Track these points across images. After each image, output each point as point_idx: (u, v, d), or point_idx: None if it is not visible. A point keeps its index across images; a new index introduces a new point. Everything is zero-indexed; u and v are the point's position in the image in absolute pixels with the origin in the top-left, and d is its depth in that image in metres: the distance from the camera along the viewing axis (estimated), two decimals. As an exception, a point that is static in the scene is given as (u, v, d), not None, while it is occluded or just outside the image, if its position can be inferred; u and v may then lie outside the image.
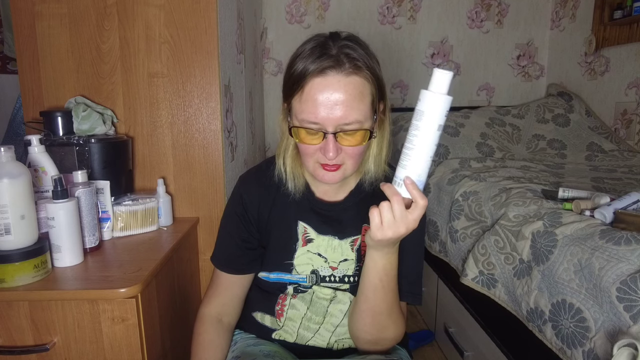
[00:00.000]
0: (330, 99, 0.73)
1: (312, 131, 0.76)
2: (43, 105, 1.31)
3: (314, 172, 0.82)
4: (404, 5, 2.75)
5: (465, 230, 1.57)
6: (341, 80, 0.73)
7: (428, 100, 0.67)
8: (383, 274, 0.79)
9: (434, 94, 0.67)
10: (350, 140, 0.77)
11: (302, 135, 0.78)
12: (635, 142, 2.26)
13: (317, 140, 0.77)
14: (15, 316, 0.87)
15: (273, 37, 2.72)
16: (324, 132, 0.75)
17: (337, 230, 0.90)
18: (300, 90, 0.76)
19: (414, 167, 0.69)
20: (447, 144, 2.26)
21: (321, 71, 0.73)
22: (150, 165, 1.35)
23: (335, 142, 0.76)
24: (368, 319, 0.84)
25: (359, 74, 0.75)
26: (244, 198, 0.91)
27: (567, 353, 0.99)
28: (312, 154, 0.79)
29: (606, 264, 0.93)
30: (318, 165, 0.80)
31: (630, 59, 2.25)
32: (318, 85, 0.74)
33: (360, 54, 0.76)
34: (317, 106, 0.74)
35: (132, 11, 1.27)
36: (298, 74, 0.76)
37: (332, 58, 0.74)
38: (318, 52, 0.75)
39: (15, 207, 0.85)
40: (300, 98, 0.76)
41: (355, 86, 0.74)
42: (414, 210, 0.70)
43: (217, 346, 0.91)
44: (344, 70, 0.74)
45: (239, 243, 0.92)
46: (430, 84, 0.67)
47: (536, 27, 2.86)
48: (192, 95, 1.32)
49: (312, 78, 0.74)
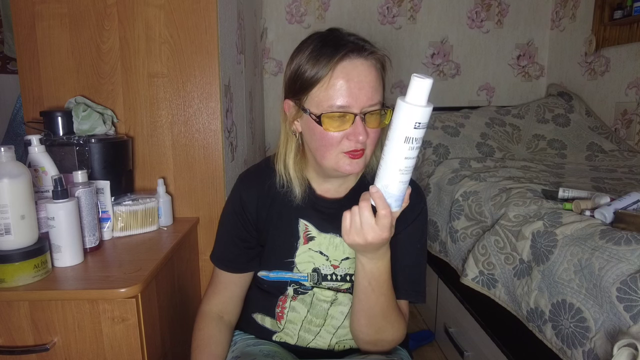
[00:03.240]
0: (358, 81, 0.75)
1: (340, 116, 0.76)
2: (43, 105, 1.31)
3: (336, 165, 0.80)
4: (404, 5, 2.75)
5: (466, 230, 1.57)
6: (364, 62, 0.76)
7: (397, 109, 0.64)
8: (371, 278, 0.79)
9: (403, 103, 0.62)
10: (374, 122, 0.78)
11: (328, 123, 0.77)
12: (635, 142, 2.26)
13: (345, 126, 0.77)
14: (15, 316, 0.87)
15: (273, 37, 2.72)
16: (354, 114, 0.76)
17: (338, 228, 0.89)
18: (325, 78, 0.76)
19: (381, 177, 0.69)
20: (447, 144, 2.26)
21: (345, 55, 0.75)
22: (150, 165, 1.35)
23: (363, 124, 0.77)
24: (363, 320, 0.84)
25: (376, 58, 0.79)
26: (242, 197, 0.91)
27: (567, 353, 0.99)
28: (337, 144, 0.78)
29: (606, 264, 0.93)
30: (342, 156, 0.79)
31: (630, 59, 2.25)
32: (344, 69, 0.75)
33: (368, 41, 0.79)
34: (346, 89, 0.75)
35: (132, 11, 1.27)
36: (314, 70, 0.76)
37: (351, 44, 0.77)
38: (333, 42, 0.77)
39: (16, 207, 0.85)
40: (327, 84, 0.76)
41: (376, 69, 0.78)
42: (378, 220, 0.70)
43: (218, 341, 0.91)
44: (364, 54, 0.77)
45: (237, 242, 0.92)
46: (407, 91, 0.62)
47: (536, 27, 2.86)
48: (192, 95, 1.32)
49: (337, 63, 0.75)
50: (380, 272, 0.79)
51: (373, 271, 0.78)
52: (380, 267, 0.78)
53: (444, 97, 2.86)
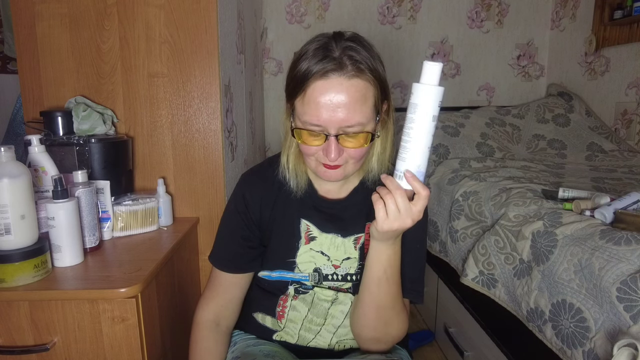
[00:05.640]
0: (333, 101, 0.73)
1: (314, 133, 0.77)
2: (43, 105, 1.31)
3: (316, 170, 0.83)
4: (404, 5, 2.75)
5: (466, 230, 1.57)
6: (343, 83, 0.73)
7: (420, 92, 0.69)
8: (387, 265, 0.79)
9: (425, 85, 0.69)
10: (353, 142, 0.77)
11: (304, 136, 0.78)
12: (635, 142, 2.26)
13: (319, 142, 0.77)
14: (15, 316, 0.87)
15: (273, 37, 2.72)
16: (326, 135, 0.76)
17: (340, 228, 0.90)
18: (302, 92, 0.76)
19: (413, 159, 0.71)
20: (447, 144, 2.26)
21: (324, 74, 0.73)
22: (150, 165, 1.35)
23: (337, 144, 0.76)
24: (372, 313, 0.84)
25: (362, 77, 0.75)
26: (245, 197, 0.91)
27: (567, 353, 0.99)
28: (314, 153, 0.80)
29: (606, 264, 0.93)
30: (320, 164, 0.81)
31: (631, 59, 2.25)
32: (320, 88, 0.74)
33: (364, 56, 0.75)
34: (319, 109, 0.74)
35: (132, 11, 1.27)
36: (301, 75, 0.75)
37: (334, 61, 0.74)
38: (321, 54, 0.75)
39: (16, 207, 0.85)
40: (303, 100, 0.76)
41: (357, 89, 0.74)
42: (417, 202, 0.71)
43: (215, 354, 0.91)
44: (346, 73, 0.73)
45: (239, 242, 0.92)
46: (421, 76, 0.69)
47: (536, 27, 2.86)
48: (192, 95, 1.32)
49: (314, 81, 0.74)
50: (396, 257, 0.80)
51: (390, 257, 0.79)
52: (397, 252, 0.80)
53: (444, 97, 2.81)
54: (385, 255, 0.79)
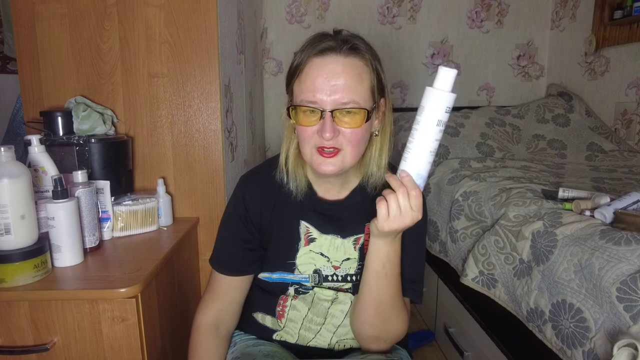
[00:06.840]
0: (328, 78, 0.75)
1: (310, 110, 0.77)
2: (43, 105, 1.31)
3: (310, 161, 0.81)
4: (404, 5, 2.75)
5: (465, 230, 1.57)
6: (339, 60, 0.76)
7: (428, 95, 0.71)
8: (386, 261, 0.80)
9: (435, 90, 0.70)
10: (349, 122, 0.77)
11: (300, 116, 0.79)
12: (635, 142, 2.26)
13: (315, 121, 0.77)
14: (15, 316, 0.87)
15: (273, 37, 2.72)
16: (321, 111, 0.76)
17: (339, 229, 0.90)
18: (299, 72, 0.78)
19: (414, 160, 0.73)
20: (447, 144, 2.26)
21: (320, 52, 0.76)
22: (150, 165, 1.35)
23: (332, 121, 0.76)
24: (372, 310, 0.84)
25: (358, 56, 0.77)
26: (245, 199, 0.91)
27: (567, 353, 0.99)
28: (310, 137, 0.79)
29: (606, 264, 0.93)
30: (315, 151, 0.79)
31: (630, 59, 2.25)
32: (316, 65, 0.76)
33: (361, 41, 0.79)
34: (315, 85, 0.75)
35: (132, 11, 1.27)
36: (298, 60, 0.78)
37: (332, 40, 0.77)
38: (319, 38, 0.78)
39: (15, 207, 0.85)
40: (300, 79, 0.78)
41: (353, 67, 0.76)
42: (411, 201, 0.73)
43: (214, 358, 0.91)
44: (342, 51, 0.76)
45: (240, 244, 0.91)
46: (435, 80, 0.70)
47: (536, 27, 2.86)
48: (192, 95, 1.32)
49: (311, 59, 0.76)
50: (395, 254, 0.81)
51: (389, 253, 0.80)
52: (397, 249, 0.81)
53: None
54: (384, 251, 0.79)
